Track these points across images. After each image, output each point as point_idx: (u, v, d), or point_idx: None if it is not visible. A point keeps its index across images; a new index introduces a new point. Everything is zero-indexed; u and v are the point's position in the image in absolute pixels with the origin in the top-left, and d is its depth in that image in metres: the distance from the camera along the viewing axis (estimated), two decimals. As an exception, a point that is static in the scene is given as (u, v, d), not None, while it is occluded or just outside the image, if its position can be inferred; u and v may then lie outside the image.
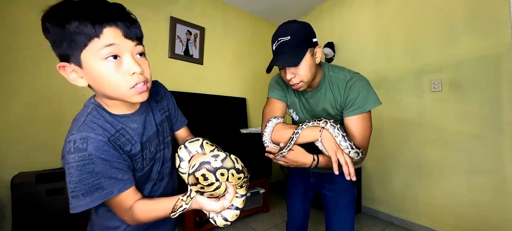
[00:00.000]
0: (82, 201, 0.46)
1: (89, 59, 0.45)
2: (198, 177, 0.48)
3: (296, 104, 0.97)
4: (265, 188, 2.28)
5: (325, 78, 0.90)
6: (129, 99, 0.50)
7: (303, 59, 0.76)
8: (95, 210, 0.59)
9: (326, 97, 0.90)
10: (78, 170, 0.46)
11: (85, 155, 0.46)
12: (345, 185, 0.98)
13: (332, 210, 1.01)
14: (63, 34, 0.44)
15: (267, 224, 2.08)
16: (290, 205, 1.13)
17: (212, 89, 2.54)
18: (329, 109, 0.90)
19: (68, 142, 0.47)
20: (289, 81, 0.81)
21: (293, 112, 0.99)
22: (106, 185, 0.48)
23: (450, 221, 1.77)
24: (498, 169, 1.56)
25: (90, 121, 0.49)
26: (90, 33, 0.43)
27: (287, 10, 2.94)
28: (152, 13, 2.15)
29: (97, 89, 0.50)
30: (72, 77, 0.48)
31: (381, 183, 2.22)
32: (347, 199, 0.99)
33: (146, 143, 0.58)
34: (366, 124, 0.90)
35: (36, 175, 1.44)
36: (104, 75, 0.46)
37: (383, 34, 2.19)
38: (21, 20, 1.59)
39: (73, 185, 0.46)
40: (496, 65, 1.56)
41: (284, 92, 0.95)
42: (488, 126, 1.60)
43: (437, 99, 1.83)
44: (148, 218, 0.52)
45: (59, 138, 1.69)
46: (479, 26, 1.63)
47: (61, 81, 1.72)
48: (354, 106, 0.86)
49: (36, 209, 1.41)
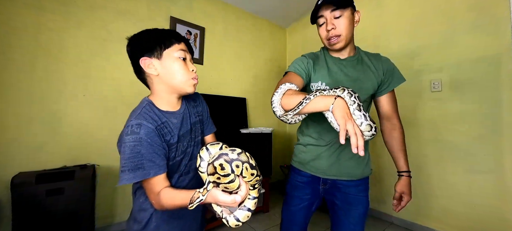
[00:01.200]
0: (127, 175, 0.58)
1: (167, 56, 0.67)
2: (216, 166, 0.54)
3: (325, 75, 0.87)
4: (265, 188, 2.28)
5: (359, 51, 0.92)
6: (186, 88, 0.69)
7: (346, 10, 0.79)
8: (134, 193, 0.72)
9: (370, 66, 0.89)
10: (129, 149, 0.59)
11: (137, 138, 0.59)
12: (360, 195, 0.89)
13: (342, 223, 0.91)
14: (157, 38, 0.67)
15: (267, 224, 2.08)
16: (287, 218, 0.96)
17: (212, 89, 2.53)
18: (374, 81, 0.87)
19: (127, 126, 0.61)
20: (328, 32, 0.82)
21: (321, 83, 0.86)
22: (146, 166, 0.60)
23: (450, 221, 1.77)
24: (498, 169, 1.56)
25: (144, 112, 0.65)
26: (173, 40, 0.68)
27: (287, 10, 2.94)
28: (152, 13, 2.15)
29: (167, 79, 0.68)
30: (150, 67, 0.67)
31: (381, 183, 2.22)
32: (359, 211, 0.89)
33: (181, 137, 0.71)
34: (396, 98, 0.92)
35: (36, 175, 1.44)
36: (177, 69, 0.67)
37: (383, 34, 2.19)
38: (20, 20, 1.59)
39: (124, 161, 0.59)
40: (496, 65, 1.56)
41: (307, 67, 0.87)
42: (488, 126, 1.60)
43: (437, 99, 1.83)
44: (170, 205, 0.61)
45: (59, 138, 1.70)
46: (479, 26, 1.63)
47: (61, 81, 1.72)
48: (394, 75, 0.89)
49: (36, 209, 1.40)
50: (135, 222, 0.69)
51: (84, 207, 1.57)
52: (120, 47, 1.96)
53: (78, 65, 1.78)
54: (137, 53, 0.66)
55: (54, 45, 1.69)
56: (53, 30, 1.69)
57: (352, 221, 0.89)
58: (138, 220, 0.69)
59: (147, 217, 0.68)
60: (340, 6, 0.78)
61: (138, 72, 0.70)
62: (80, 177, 1.56)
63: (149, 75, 0.69)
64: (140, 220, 0.68)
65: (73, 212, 1.52)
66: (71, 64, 1.76)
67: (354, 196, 0.89)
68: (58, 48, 1.71)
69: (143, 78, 0.71)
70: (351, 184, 0.83)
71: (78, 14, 1.79)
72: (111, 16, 1.93)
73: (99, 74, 1.87)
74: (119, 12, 1.97)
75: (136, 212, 0.70)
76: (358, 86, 0.86)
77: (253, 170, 0.57)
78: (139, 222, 0.68)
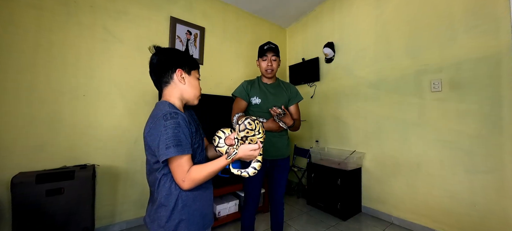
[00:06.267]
0: (172, 150, 0.71)
1: (193, 74, 0.90)
2: (246, 124, 0.87)
3: (258, 93, 1.45)
4: (265, 188, 2.28)
5: (278, 80, 1.56)
6: (194, 101, 0.91)
7: (278, 58, 1.48)
8: (158, 183, 0.80)
9: (283, 89, 1.52)
10: (172, 129, 0.73)
11: (177, 121, 0.75)
12: (286, 167, 1.51)
13: (278, 181, 1.50)
14: (190, 59, 0.90)
15: (267, 224, 2.08)
16: (250, 193, 1.46)
17: (212, 89, 2.54)
18: (285, 97, 1.50)
19: (165, 114, 0.75)
20: (269, 66, 1.44)
21: (256, 98, 1.44)
22: (183, 144, 0.74)
23: (450, 221, 1.77)
24: (498, 169, 1.56)
25: (172, 107, 0.80)
26: (197, 65, 0.93)
27: (287, 10, 2.94)
28: (152, 13, 2.15)
29: (187, 91, 0.87)
30: (182, 79, 0.86)
31: (381, 183, 2.22)
32: (286, 176, 1.52)
33: (197, 129, 0.89)
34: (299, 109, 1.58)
35: (36, 175, 1.44)
36: (196, 86, 0.90)
37: (383, 34, 2.19)
38: (20, 20, 1.59)
39: (168, 140, 0.72)
40: (496, 65, 1.56)
41: (246, 90, 1.46)
42: (488, 126, 1.60)
43: (437, 99, 1.83)
44: (201, 175, 0.76)
45: (59, 138, 1.70)
46: (479, 26, 1.63)
47: (61, 81, 1.72)
48: (296, 96, 1.55)
49: (36, 209, 1.41)
50: (163, 207, 0.78)
51: (84, 207, 1.57)
52: (120, 47, 1.96)
53: (78, 65, 1.78)
54: (172, 64, 0.84)
55: (54, 45, 1.70)
56: (53, 30, 1.69)
57: (282, 177, 1.52)
58: (165, 205, 0.78)
59: (175, 200, 0.78)
60: (277, 55, 1.47)
61: (162, 76, 0.84)
62: (80, 177, 1.56)
63: (174, 82, 0.85)
64: (167, 204, 0.78)
65: (73, 212, 1.52)
66: (71, 64, 1.76)
67: (283, 166, 1.50)
68: (58, 48, 1.71)
69: (163, 82, 0.85)
70: (279, 159, 1.48)
71: (78, 14, 1.79)
72: (111, 16, 1.93)
73: (99, 74, 1.87)
74: (119, 12, 1.97)
75: (164, 198, 0.78)
76: (277, 98, 1.46)
77: (263, 128, 0.91)
78: (166, 206, 0.78)
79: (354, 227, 2.06)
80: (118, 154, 1.92)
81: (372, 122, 2.28)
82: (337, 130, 2.63)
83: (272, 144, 1.42)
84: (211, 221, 0.93)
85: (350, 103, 2.49)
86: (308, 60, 2.95)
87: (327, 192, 2.33)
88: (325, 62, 2.76)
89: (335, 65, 2.66)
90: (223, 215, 2.04)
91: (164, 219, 0.77)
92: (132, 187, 2.00)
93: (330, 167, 2.32)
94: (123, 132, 1.95)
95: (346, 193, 2.18)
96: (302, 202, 2.65)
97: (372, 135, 2.28)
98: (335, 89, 2.66)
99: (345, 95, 2.55)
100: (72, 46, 1.76)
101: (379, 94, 2.22)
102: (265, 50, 1.43)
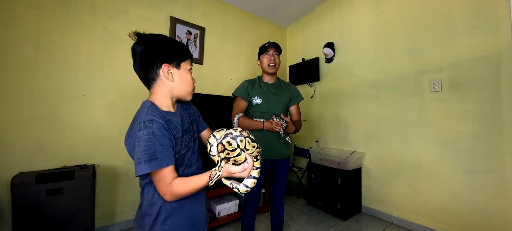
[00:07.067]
0: (143, 166, 0.63)
1: (183, 68, 0.78)
2: (224, 144, 0.67)
3: (259, 93, 1.42)
4: (265, 188, 2.29)
5: (279, 80, 1.54)
6: (187, 97, 0.82)
7: (279, 55, 1.48)
8: (142, 191, 0.76)
9: (284, 88, 1.50)
10: (144, 142, 0.64)
11: (150, 132, 0.65)
12: (286, 167, 1.49)
13: (278, 181, 1.49)
14: (177, 49, 0.76)
15: (267, 224, 2.08)
16: (250, 193, 1.41)
17: (212, 89, 2.54)
18: (287, 97, 1.48)
19: (139, 123, 0.66)
20: (272, 61, 1.41)
21: (257, 98, 1.41)
22: (159, 157, 0.65)
23: (450, 221, 1.77)
24: (498, 169, 1.56)
25: (151, 111, 0.70)
26: (187, 54, 0.80)
27: (287, 11, 2.94)
28: (152, 13, 2.15)
29: (178, 88, 0.77)
30: (169, 75, 0.75)
31: (381, 183, 2.22)
32: (286, 176, 1.51)
33: (184, 133, 0.78)
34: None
35: (36, 175, 1.44)
36: (187, 80, 0.80)
37: (383, 34, 2.19)
38: (20, 20, 1.59)
39: (140, 153, 0.64)
40: (496, 65, 1.56)
41: (247, 90, 1.43)
42: (488, 126, 1.60)
43: (437, 99, 1.83)
44: (184, 190, 0.68)
45: (59, 138, 1.70)
46: (479, 26, 1.63)
47: (61, 81, 1.72)
48: (297, 96, 1.53)
49: (36, 209, 1.41)
50: (147, 216, 0.73)
51: (84, 207, 1.57)
52: (120, 47, 1.96)
53: (78, 65, 1.78)
54: (157, 57, 0.73)
55: (54, 45, 1.70)
56: (53, 30, 1.69)
57: (283, 178, 1.51)
58: (149, 214, 0.73)
59: (157, 210, 0.73)
60: (279, 53, 1.47)
61: (147, 71, 0.74)
62: (80, 177, 1.56)
63: (161, 79, 0.74)
64: (151, 213, 0.73)
65: (73, 212, 1.52)
66: (71, 64, 1.76)
67: (283, 168, 1.49)
68: (58, 48, 1.71)
69: (149, 78, 0.75)
70: (280, 159, 1.46)
71: (78, 14, 1.79)
72: (111, 16, 1.93)
73: (99, 74, 1.87)
74: (119, 12, 1.97)
75: (147, 207, 0.74)
76: (279, 98, 1.44)
77: (254, 143, 0.70)
78: (150, 215, 0.73)
79: (354, 227, 2.06)
80: (118, 154, 1.92)
81: (372, 122, 2.28)
82: (337, 130, 2.63)
83: (272, 144, 1.40)
84: (204, 226, 0.87)
85: (350, 103, 2.49)
86: (308, 60, 2.95)
87: (327, 192, 2.33)
88: (325, 62, 2.76)
89: (335, 65, 2.66)
90: (223, 215, 2.04)
91: (148, 227, 0.73)
92: (132, 187, 2.00)
93: (330, 167, 2.32)
94: (123, 132, 1.94)
95: (346, 193, 2.18)
96: (302, 202, 2.65)
97: (372, 135, 2.28)
98: (335, 89, 2.66)
99: (345, 95, 2.55)
100: (72, 46, 1.76)
101: (379, 94, 2.22)
102: (267, 46, 1.42)
